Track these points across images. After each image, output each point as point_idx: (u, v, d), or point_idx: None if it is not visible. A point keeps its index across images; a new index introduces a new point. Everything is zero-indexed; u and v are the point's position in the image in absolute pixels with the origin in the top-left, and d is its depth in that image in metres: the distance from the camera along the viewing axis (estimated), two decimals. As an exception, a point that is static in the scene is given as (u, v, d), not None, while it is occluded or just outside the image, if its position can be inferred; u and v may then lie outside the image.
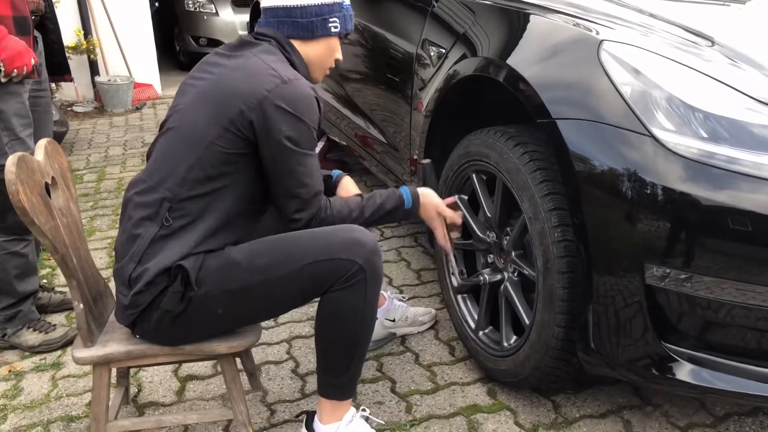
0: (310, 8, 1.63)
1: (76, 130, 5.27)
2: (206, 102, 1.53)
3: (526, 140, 1.76)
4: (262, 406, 1.97)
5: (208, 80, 1.57)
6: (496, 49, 1.87)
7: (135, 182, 1.58)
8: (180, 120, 1.56)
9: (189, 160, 1.50)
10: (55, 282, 2.78)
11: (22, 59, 1.99)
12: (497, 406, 1.93)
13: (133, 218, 1.53)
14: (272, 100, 1.48)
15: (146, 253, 1.50)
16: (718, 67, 1.53)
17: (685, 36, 1.68)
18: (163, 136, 1.58)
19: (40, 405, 2.00)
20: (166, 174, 1.52)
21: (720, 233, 1.39)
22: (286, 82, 1.50)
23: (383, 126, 2.69)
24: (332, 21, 1.65)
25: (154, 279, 1.48)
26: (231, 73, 1.54)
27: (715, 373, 1.48)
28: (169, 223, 1.50)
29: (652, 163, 1.43)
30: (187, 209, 1.52)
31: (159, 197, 1.51)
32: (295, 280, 1.51)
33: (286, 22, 1.63)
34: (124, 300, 1.52)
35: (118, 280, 1.55)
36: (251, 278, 1.50)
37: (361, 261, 1.51)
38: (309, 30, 1.64)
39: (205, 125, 1.50)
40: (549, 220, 1.64)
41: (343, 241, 1.52)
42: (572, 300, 1.63)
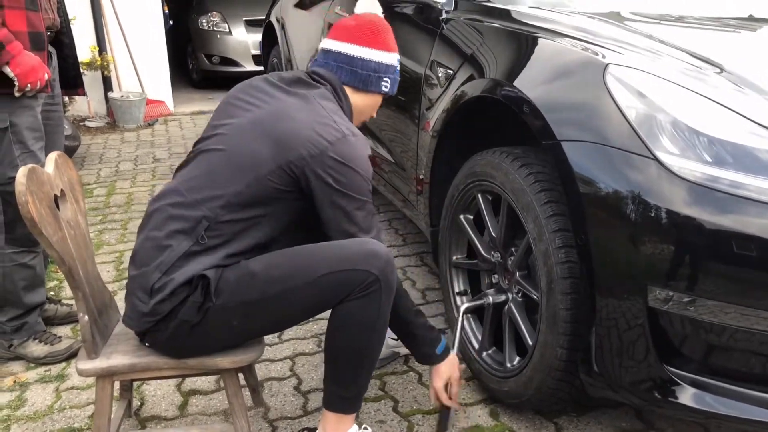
0: (371, 63, 1.71)
1: (88, 145, 5.33)
2: (264, 134, 1.54)
3: (531, 161, 1.77)
4: (264, 423, 1.97)
5: (265, 110, 1.59)
6: (503, 71, 1.89)
7: (168, 193, 1.59)
8: (230, 143, 1.57)
9: (236, 187, 1.52)
10: (62, 294, 2.80)
11: (36, 74, 2.02)
12: (499, 428, 1.92)
13: (165, 229, 1.54)
14: (332, 153, 1.52)
15: (174, 265, 1.51)
16: (723, 92, 1.54)
17: (692, 62, 1.69)
18: (206, 154, 1.59)
19: (43, 416, 2.01)
20: (209, 194, 1.53)
21: (724, 257, 1.39)
22: (347, 137, 1.55)
23: (391, 145, 2.71)
24: (385, 80, 1.74)
25: (176, 289, 1.49)
26: (292, 111, 1.57)
27: (719, 398, 1.47)
28: (204, 242, 1.52)
29: (656, 186, 1.43)
30: (224, 231, 1.54)
31: (199, 215, 1.52)
32: (311, 291, 1.53)
33: (345, 69, 1.71)
34: (144, 307, 1.53)
35: (137, 286, 1.54)
36: (268, 289, 1.52)
37: (376, 272, 1.52)
38: (364, 82, 1.72)
39: (261, 158, 1.52)
40: (553, 241, 1.65)
41: (359, 253, 1.54)
42: (575, 321, 1.63)
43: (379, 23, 1.74)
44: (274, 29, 4.53)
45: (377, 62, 1.72)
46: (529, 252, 1.79)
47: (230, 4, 7.99)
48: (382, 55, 1.72)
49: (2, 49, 1.93)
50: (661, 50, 1.75)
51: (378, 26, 1.73)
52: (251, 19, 7.68)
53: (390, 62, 1.74)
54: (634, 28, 1.95)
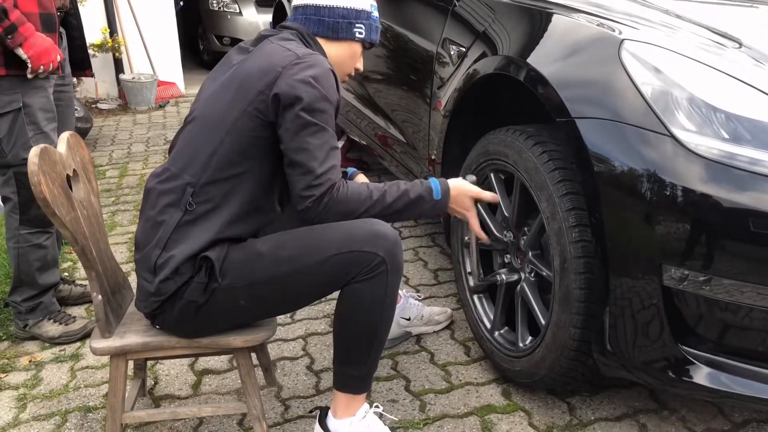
0: (337, 9, 1.67)
1: (100, 127, 5.34)
2: (226, 90, 1.55)
3: (544, 139, 1.75)
4: (277, 402, 1.98)
5: (228, 71, 1.60)
6: (516, 48, 1.86)
7: (157, 173, 1.60)
8: (200, 111, 1.59)
9: (211, 146, 1.52)
10: (75, 275, 2.82)
11: (49, 56, 2.02)
12: (512, 407, 1.92)
13: (157, 206, 1.54)
14: (288, 74, 1.49)
15: (171, 239, 1.51)
16: (742, 68, 1.51)
17: (710, 37, 1.66)
18: (187, 126, 1.61)
19: (58, 395, 2.03)
20: (189, 160, 1.53)
21: (741, 236, 1.37)
22: (301, 57, 1.53)
23: (403, 126, 2.69)
24: (358, 26, 1.69)
25: (179, 267, 1.49)
26: (248, 60, 1.58)
27: (734, 377, 1.45)
28: (192, 208, 1.52)
29: (672, 164, 1.41)
30: (210, 194, 1.53)
31: (182, 183, 1.53)
32: (318, 272, 1.52)
33: (312, 19, 1.67)
34: (150, 287, 1.53)
35: (142, 266, 1.55)
36: (275, 269, 1.51)
37: (383, 253, 1.51)
38: (334, 30, 1.67)
39: (225, 110, 1.53)
40: (567, 219, 1.63)
41: (366, 234, 1.52)
42: (589, 301, 1.61)
43: None
44: (285, 9, 4.49)
45: (345, 8, 1.67)
46: (542, 231, 1.78)
47: (240, -16, 7.96)
48: (349, 1, 1.67)
49: (15, 30, 1.93)
50: (678, 25, 1.72)
51: None
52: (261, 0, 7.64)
53: (360, 7, 1.68)
54: (650, 3, 1.92)
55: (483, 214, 2.05)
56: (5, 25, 1.91)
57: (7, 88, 2.03)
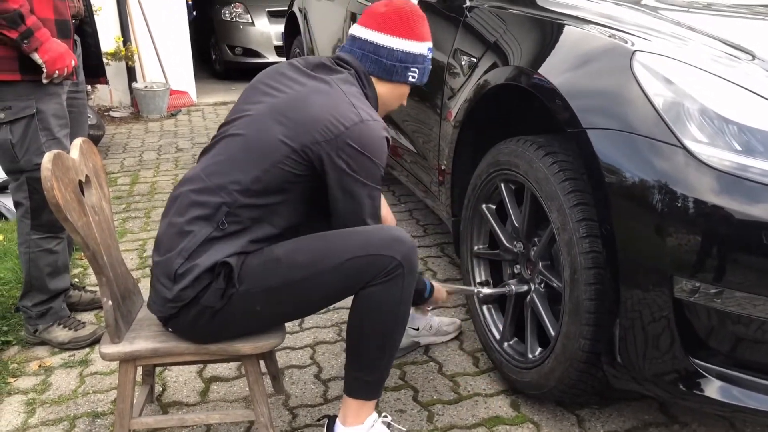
0: (396, 53, 1.68)
1: (112, 135, 5.38)
2: (282, 119, 1.54)
3: (555, 150, 1.75)
4: (284, 410, 1.97)
5: (286, 95, 1.59)
6: (527, 59, 1.86)
7: (191, 179, 1.60)
8: (249, 128, 1.57)
9: (254, 172, 1.53)
10: (86, 281, 2.83)
11: (64, 61, 2.04)
12: (520, 419, 1.91)
13: (187, 215, 1.55)
14: (347, 138, 1.51)
15: (196, 251, 1.52)
16: (755, 79, 1.50)
17: (723, 49, 1.65)
18: (228, 139, 1.59)
19: (67, 400, 2.04)
20: (229, 180, 1.53)
21: (753, 248, 1.36)
22: (363, 121, 1.53)
23: (413, 136, 2.70)
24: (413, 70, 1.71)
25: (200, 276, 1.50)
26: (311, 96, 1.56)
27: (746, 392, 1.44)
28: (224, 227, 1.53)
29: (683, 175, 1.41)
30: (243, 216, 1.54)
31: (219, 201, 1.53)
32: (335, 276, 1.53)
33: (370, 57, 1.68)
34: (167, 293, 1.54)
35: (161, 271, 1.55)
36: (292, 274, 1.52)
37: (399, 257, 1.52)
38: (389, 72, 1.69)
39: (277, 142, 1.52)
40: (577, 230, 1.63)
41: (382, 238, 1.54)
42: (599, 312, 1.61)
43: (409, 11, 1.70)
44: (297, 19, 4.52)
45: (404, 51, 1.68)
46: (552, 242, 1.77)
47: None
48: (409, 45, 1.69)
49: (31, 35, 1.95)
50: (690, 37, 1.72)
51: (407, 14, 1.69)
52: (274, 10, 7.69)
53: (418, 51, 1.70)
54: (663, 15, 1.91)
55: (493, 224, 2.05)
56: (21, 30, 1.93)
57: (21, 93, 2.05)
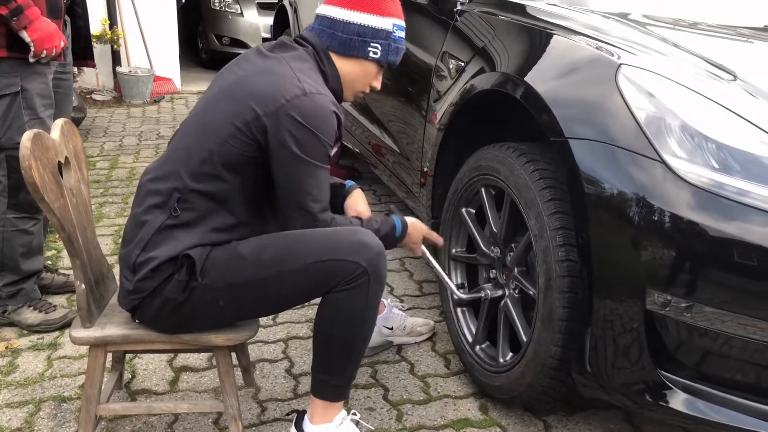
0: (353, 26, 1.63)
1: (93, 118, 5.32)
2: (227, 98, 1.54)
3: (536, 158, 1.76)
4: (254, 403, 1.97)
5: (235, 77, 1.59)
6: (514, 65, 1.88)
7: (149, 169, 1.60)
8: (201, 112, 1.58)
9: (202, 154, 1.52)
10: (59, 264, 2.80)
11: (52, 41, 2.02)
12: (488, 422, 1.92)
13: (143, 204, 1.55)
14: (288, 110, 1.48)
15: (152, 240, 1.51)
16: (735, 99, 1.53)
17: (705, 68, 1.68)
18: (185, 126, 1.60)
19: (33, 383, 2.01)
20: (179, 165, 1.53)
21: (725, 265, 1.39)
22: (307, 93, 1.50)
23: (398, 136, 2.70)
24: (373, 46, 1.65)
25: (159, 266, 1.49)
26: (257, 74, 1.55)
27: (711, 405, 1.46)
28: (177, 214, 1.52)
29: (661, 189, 1.43)
30: (195, 203, 1.53)
31: (170, 187, 1.52)
32: (299, 278, 1.51)
33: (326, 32, 1.65)
34: (128, 285, 1.53)
35: (124, 264, 1.56)
36: (256, 273, 1.51)
37: (365, 264, 1.51)
38: (346, 46, 1.64)
39: (221, 121, 1.52)
40: (554, 238, 1.64)
41: (349, 243, 1.52)
42: (571, 320, 1.62)
43: None
44: (287, 12, 4.51)
45: (361, 25, 1.62)
46: (529, 249, 1.79)
47: (243, -14, 7.97)
48: (367, 18, 1.63)
49: (21, 13, 1.93)
50: (674, 54, 1.75)
51: None
52: (263, 2, 7.65)
53: (380, 26, 1.63)
54: (649, 31, 1.94)
55: (472, 228, 2.06)
56: (12, 7, 1.91)
57: (6, 70, 2.03)
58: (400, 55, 1.72)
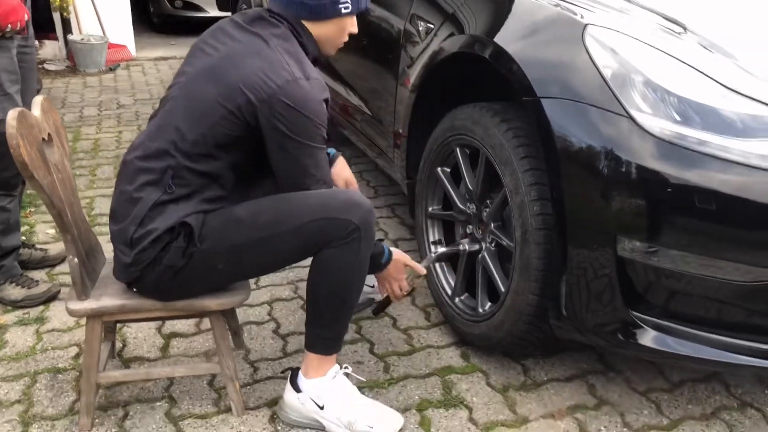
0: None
1: (48, 89, 5.20)
2: (216, 79, 1.56)
3: (509, 116, 1.84)
4: (246, 364, 2.04)
5: (222, 52, 1.61)
6: (483, 27, 1.94)
7: (137, 146, 1.62)
8: (187, 90, 1.60)
9: (194, 134, 1.56)
10: (33, 239, 2.79)
11: (17, 14, 2.01)
12: (470, 368, 2.04)
13: (135, 182, 1.58)
14: (280, 96, 1.52)
15: (147, 215, 1.56)
16: (693, 54, 1.62)
17: (659, 22, 1.76)
18: (169, 103, 1.62)
19: (26, 357, 2.05)
20: (171, 144, 1.56)
21: (687, 211, 1.49)
22: (298, 80, 1.54)
23: (369, 99, 2.74)
24: (343, 2, 1.66)
25: (158, 237, 1.54)
26: (244, 55, 1.57)
27: (679, 340, 1.59)
28: (171, 190, 1.56)
29: (627, 143, 1.52)
30: (189, 179, 1.58)
31: (164, 165, 1.56)
32: (295, 237, 1.59)
33: (294, 1, 1.64)
34: (126, 259, 1.57)
35: (119, 240, 1.60)
36: (254, 234, 1.58)
37: (357, 220, 1.59)
38: (317, 12, 1.65)
39: (213, 104, 1.55)
40: (529, 193, 1.73)
41: (341, 202, 1.60)
42: (547, 270, 1.73)
43: None
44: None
45: None
46: (505, 204, 1.87)
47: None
48: None
49: None
50: (630, 9, 1.82)
51: None
52: (216, -37, 7.46)
53: None
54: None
55: (447, 186, 2.14)
56: None
57: (-30, 47, 2.01)
58: None
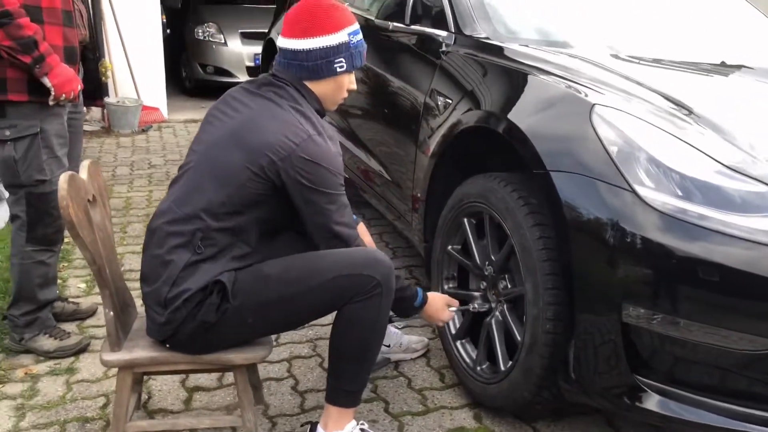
0: (314, 52, 1.74)
1: (84, 149, 5.39)
2: (238, 145, 1.68)
3: (519, 186, 1.95)
4: (264, 419, 2.12)
5: (237, 120, 1.74)
6: (498, 104, 2.08)
7: (164, 212, 1.73)
8: (209, 155, 1.72)
9: (220, 197, 1.67)
10: (65, 293, 2.92)
11: (71, 85, 2.19)
12: (482, 430, 2.09)
13: (165, 245, 1.69)
14: (299, 153, 1.65)
15: (180, 276, 1.67)
16: (693, 134, 1.74)
17: (664, 104, 1.89)
18: (192, 169, 1.74)
19: (56, 406, 2.14)
20: (198, 207, 1.68)
21: (690, 281, 1.58)
22: (312, 137, 1.68)
23: (389, 165, 2.88)
24: (338, 62, 1.76)
25: (191, 296, 1.64)
26: (261, 119, 1.70)
27: (682, 405, 1.65)
28: (201, 251, 1.68)
29: (632, 216, 1.62)
30: (217, 239, 1.69)
31: (192, 228, 1.68)
32: (321, 292, 1.70)
33: (293, 64, 1.77)
34: (160, 318, 1.68)
35: (152, 300, 1.70)
36: (283, 289, 1.69)
37: (379, 277, 1.70)
38: (316, 72, 1.77)
39: (237, 168, 1.67)
40: (539, 254, 1.83)
41: (365, 259, 1.72)
42: (556, 333, 1.80)
43: (313, 5, 1.75)
44: (275, 44, 4.69)
45: (320, 48, 1.73)
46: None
47: (226, 16, 8.15)
48: (324, 40, 1.73)
49: (43, 61, 2.09)
50: (637, 91, 1.95)
51: (313, 11, 1.74)
52: (247, 32, 7.84)
53: (336, 43, 1.74)
54: (613, 69, 2.15)
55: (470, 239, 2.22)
56: (35, 56, 2.08)
57: (27, 113, 2.18)
58: (364, 55, 1.85)
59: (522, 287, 1.89)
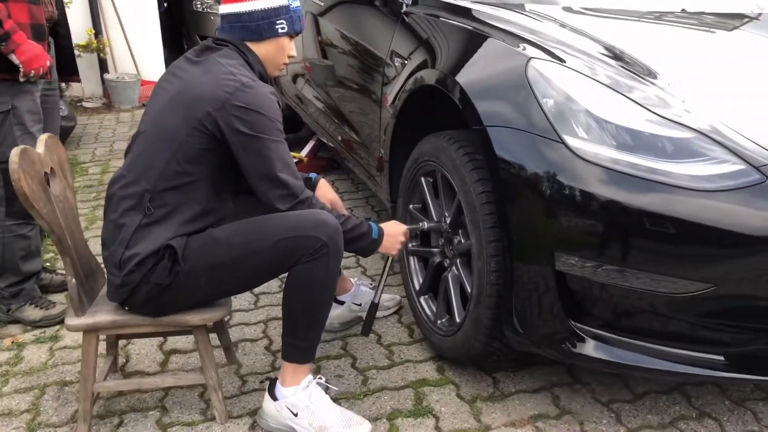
0: (256, 13, 1.83)
1: (84, 125, 5.53)
2: (178, 105, 1.76)
3: (465, 143, 1.98)
4: (236, 377, 2.20)
5: (177, 85, 1.81)
6: (445, 63, 2.10)
7: (116, 179, 1.82)
8: (155, 122, 1.80)
9: (165, 156, 1.74)
10: (57, 265, 3.02)
11: (39, 61, 2.25)
12: (443, 381, 2.16)
13: (118, 210, 1.77)
14: (233, 101, 1.71)
15: (133, 238, 1.74)
16: (625, 82, 1.74)
17: (604, 55, 1.89)
18: (140, 136, 1.82)
19: (38, 371, 2.25)
20: (145, 169, 1.75)
21: (620, 228, 1.61)
22: (245, 85, 1.73)
23: (359, 128, 2.92)
24: (279, 23, 1.85)
25: (143, 260, 1.72)
26: (197, 78, 1.78)
27: (620, 350, 1.69)
28: (150, 212, 1.75)
29: (562, 167, 1.64)
30: (166, 199, 1.76)
31: (140, 189, 1.75)
32: (268, 255, 1.76)
33: (236, 27, 1.85)
34: (116, 280, 1.76)
35: (109, 263, 1.79)
36: (231, 253, 1.76)
37: (325, 238, 1.75)
38: (257, 32, 1.85)
39: (178, 125, 1.74)
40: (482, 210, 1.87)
41: (310, 221, 1.77)
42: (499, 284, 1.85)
43: None
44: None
45: (263, 9, 1.82)
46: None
47: (224, -14, 8.13)
48: (264, 2, 1.82)
49: (9, 38, 2.15)
50: (578, 44, 1.95)
51: None
52: (244, 1, 7.81)
53: (277, 5, 1.83)
54: (563, 21, 2.15)
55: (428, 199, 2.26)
56: (0, 34, 2.13)
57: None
58: (303, 20, 1.93)
59: (469, 241, 1.93)
